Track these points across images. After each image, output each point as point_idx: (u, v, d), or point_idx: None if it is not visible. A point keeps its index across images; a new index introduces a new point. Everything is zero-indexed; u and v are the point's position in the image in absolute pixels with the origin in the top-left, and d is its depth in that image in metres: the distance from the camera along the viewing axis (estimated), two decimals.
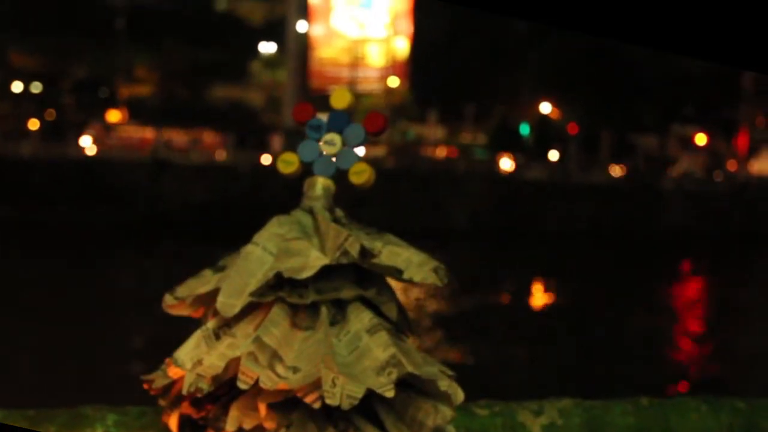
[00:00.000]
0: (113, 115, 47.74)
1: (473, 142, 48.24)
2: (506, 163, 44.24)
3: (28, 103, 46.59)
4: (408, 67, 51.97)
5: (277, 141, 42.96)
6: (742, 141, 49.10)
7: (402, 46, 52.55)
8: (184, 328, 2.75)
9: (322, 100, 2.92)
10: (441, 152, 46.71)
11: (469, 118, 48.08)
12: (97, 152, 39.94)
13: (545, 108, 48.51)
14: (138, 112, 47.20)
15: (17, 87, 47.66)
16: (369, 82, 51.20)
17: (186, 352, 2.60)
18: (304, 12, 53.44)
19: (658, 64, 46.09)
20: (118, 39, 47.28)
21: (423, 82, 49.27)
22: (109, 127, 45.67)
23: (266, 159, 38.45)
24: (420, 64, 50.22)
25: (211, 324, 2.63)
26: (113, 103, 48.27)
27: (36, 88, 48.07)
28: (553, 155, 45.54)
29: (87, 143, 42.07)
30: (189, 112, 46.20)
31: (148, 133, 45.53)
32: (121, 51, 47.81)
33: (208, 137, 45.49)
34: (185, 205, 33.04)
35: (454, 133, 48.91)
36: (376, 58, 52.60)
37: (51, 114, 46.44)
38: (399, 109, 48.82)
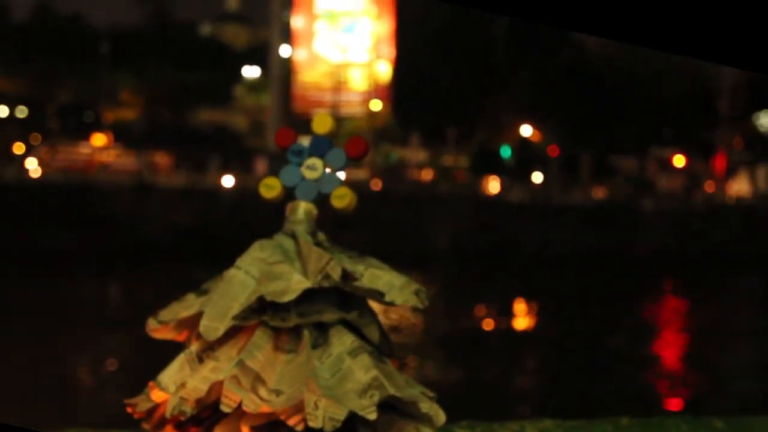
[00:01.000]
0: (98, 139, 47.63)
1: (455, 164, 48.32)
2: (489, 185, 44.36)
3: (13, 127, 46.49)
4: (390, 90, 52.09)
5: (260, 164, 42.94)
6: (720, 162, 49.38)
7: (384, 70, 52.68)
8: (170, 351, 2.76)
9: (305, 125, 2.95)
10: (424, 175, 46.81)
11: (451, 141, 48.18)
12: (42, 174, 39.25)
13: (526, 131, 48.70)
14: (122, 136, 47.16)
15: (2, 111, 47.62)
16: (352, 106, 51.28)
17: (169, 376, 2.62)
18: (287, 37, 53.57)
19: (637, 87, 46.39)
20: (103, 64, 47.28)
21: (405, 105, 49.38)
22: (55, 149, 44.94)
23: (228, 181, 38.19)
24: (402, 87, 50.32)
25: (194, 347, 2.65)
26: (98, 127, 48.22)
27: (21, 112, 48.06)
28: (534, 177, 45.72)
29: (32, 165, 41.44)
30: (172, 135, 46.13)
31: (98, 154, 45.03)
32: (106, 75, 47.80)
33: (163, 159, 44.96)
34: (167, 227, 32.98)
35: (436, 155, 49.00)
36: (358, 82, 52.72)
37: (36, 138, 46.35)
38: (382, 132, 48.88)
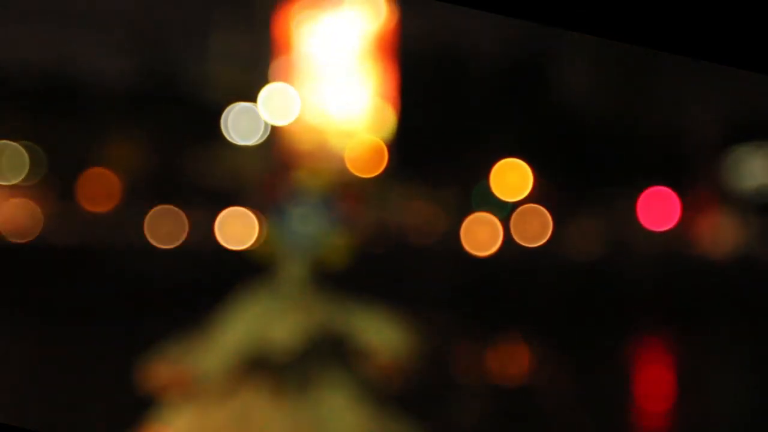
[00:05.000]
0: (87, 192, 47.62)
1: (448, 211, 48.53)
2: (484, 234, 44.47)
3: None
4: (384, 143, 52.32)
5: (253, 219, 43.04)
6: (701, 205, 49.35)
7: (377, 124, 53.00)
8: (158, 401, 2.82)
9: (297, 180, 3.04)
10: (416, 222, 47.00)
11: (444, 189, 48.46)
12: None
13: (515, 175, 49.10)
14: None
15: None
16: (344, 161, 51.45)
17: (166, 422, 2.67)
18: (278, 91, 53.84)
19: (620, 128, 46.82)
20: (91, 118, 47.43)
21: (399, 157, 49.75)
22: None
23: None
24: (396, 142, 50.66)
25: (190, 395, 2.71)
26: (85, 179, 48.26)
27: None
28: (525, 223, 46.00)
29: None
30: (161, 188, 46.15)
31: None
32: (94, 131, 47.93)
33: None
34: (159, 281, 32.94)
35: (429, 203, 49.20)
36: (351, 136, 53.01)
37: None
38: (374, 185, 49.09)
